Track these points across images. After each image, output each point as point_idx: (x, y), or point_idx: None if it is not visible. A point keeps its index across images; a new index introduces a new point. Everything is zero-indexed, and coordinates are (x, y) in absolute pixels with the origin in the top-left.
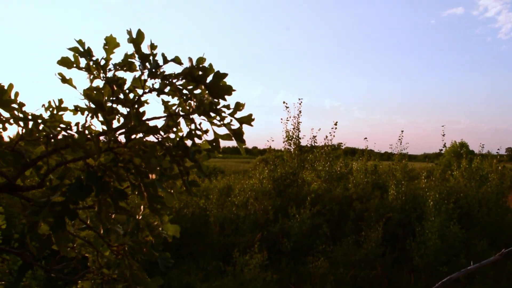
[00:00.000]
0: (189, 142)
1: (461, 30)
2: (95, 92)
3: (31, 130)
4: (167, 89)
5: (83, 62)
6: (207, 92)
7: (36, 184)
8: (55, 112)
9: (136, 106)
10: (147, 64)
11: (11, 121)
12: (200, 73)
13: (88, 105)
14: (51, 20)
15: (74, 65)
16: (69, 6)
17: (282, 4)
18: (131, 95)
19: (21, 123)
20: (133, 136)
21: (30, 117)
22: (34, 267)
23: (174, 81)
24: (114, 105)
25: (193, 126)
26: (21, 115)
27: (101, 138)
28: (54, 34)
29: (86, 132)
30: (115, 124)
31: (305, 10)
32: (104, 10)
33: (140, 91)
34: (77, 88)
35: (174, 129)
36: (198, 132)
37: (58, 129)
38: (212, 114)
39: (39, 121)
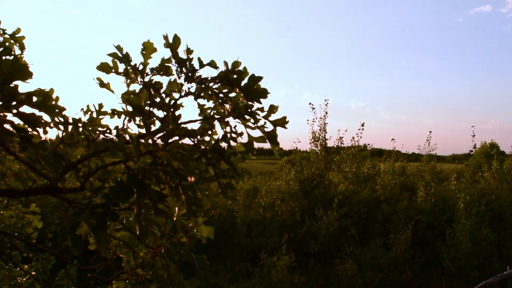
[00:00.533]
0: (222, 145)
1: (489, 28)
2: (132, 96)
3: (72, 134)
4: (203, 93)
5: (121, 67)
6: (242, 95)
7: (78, 187)
8: (94, 116)
9: (172, 109)
10: (184, 68)
11: (51, 124)
12: (235, 76)
13: (124, 108)
14: (85, 25)
15: (113, 70)
16: (98, 10)
17: (305, 4)
18: (167, 99)
19: (61, 127)
20: (171, 140)
21: (70, 121)
22: (67, 266)
23: (210, 84)
24: (151, 109)
25: (228, 129)
26: (61, 119)
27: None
28: (87, 38)
29: (124, 135)
30: (152, 127)
31: (329, 9)
32: (133, 14)
33: (176, 95)
34: (114, 92)
35: (209, 132)
36: (233, 135)
37: (97, 132)
38: (247, 117)
39: (79, 124)
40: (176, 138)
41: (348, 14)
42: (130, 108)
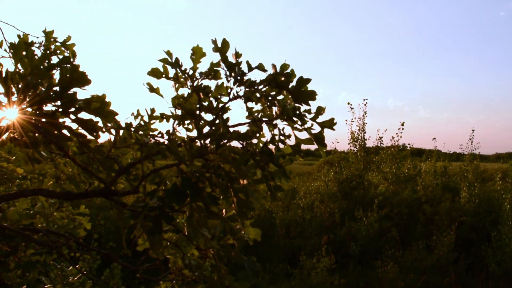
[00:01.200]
0: (269, 147)
1: None
2: (181, 99)
3: (124, 138)
4: (252, 96)
5: (170, 72)
6: (290, 97)
7: (132, 189)
8: (146, 120)
9: (220, 113)
10: (233, 72)
11: (103, 129)
12: (283, 79)
13: (173, 112)
14: (121, 28)
15: (163, 75)
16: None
17: (341, 3)
18: (214, 102)
19: (113, 131)
20: (221, 143)
21: (123, 125)
22: (111, 266)
23: (259, 87)
24: (199, 113)
25: (275, 131)
26: (113, 124)
27: None
28: (122, 43)
29: (175, 139)
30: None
31: (364, 8)
32: (168, 16)
33: (224, 99)
34: (163, 96)
35: (257, 135)
36: (281, 137)
37: (149, 136)
38: (295, 119)
39: (132, 129)
40: (225, 140)
41: (383, 12)
42: (179, 112)
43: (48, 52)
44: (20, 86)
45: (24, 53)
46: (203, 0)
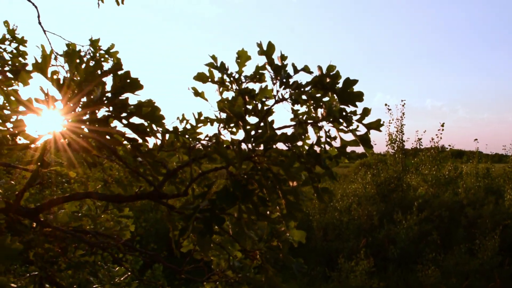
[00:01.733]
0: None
1: None
2: (226, 103)
3: (172, 142)
4: (299, 98)
5: (217, 76)
6: (335, 99)
7: (181, 192)
8: (193, 123)
9: (265, 115)
10: (279, 74)
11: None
12: (329, 80)
13: (217, 116)
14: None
15: (209, 79)
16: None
17: (375, 3)
18: (259, 105)
19: (159, 135)
20: (269, 145)
21: (171, 129)
22: (153, 267)
23: (306, 89)
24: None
25: (321, 133)
26: (160, 128)
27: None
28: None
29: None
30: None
31: (403, 8)
32: (201, 23)
33: (270, 101)
34: (208, 100)
35: (302, 137)
36: (327, 139)
37: (196, 139)
38: (341, 121)
39: (179, 133)
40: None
41: (418, 10)
42: (223, 115)
43: (94, 59)
44: (75, 92)
45: (78, 60)
46: (236, 6)
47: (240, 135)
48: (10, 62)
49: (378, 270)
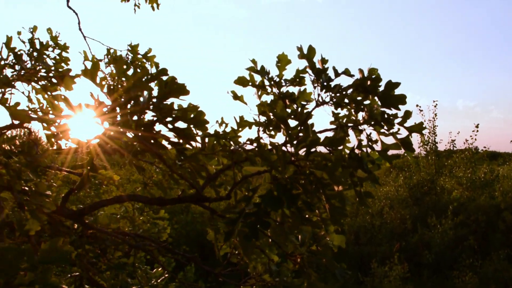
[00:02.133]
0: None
1: None
2: (266, 106)
3: (212, 145)
4: (341, 101)
5: (257, 79)
6: (377, 102)
7: (225, 196)
8: (233, 127)
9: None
10: (320, 78)
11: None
12: (370, 83)
13: (256, 119)
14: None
15: (250, 83)
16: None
17: (406, 2)
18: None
19: (198, 139)
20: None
21: (212, 133)
22: (185, 269)
23: (348, 92)
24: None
25: (361, 137)
26: (205, 132)
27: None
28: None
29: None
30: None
31: (433, 6)
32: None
33: (309, 105)
34: (247, 104)
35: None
36: (369, 143)
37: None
38: (382, 124)
39: (220, 136)
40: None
41: (448, 9)
42: (262, 119)
43: (133, 64)
44: (123, 98)
45: (124, 66)
46: (263, 8)
47: (279, 138)
48: (53, 68)
49: (412, 276)
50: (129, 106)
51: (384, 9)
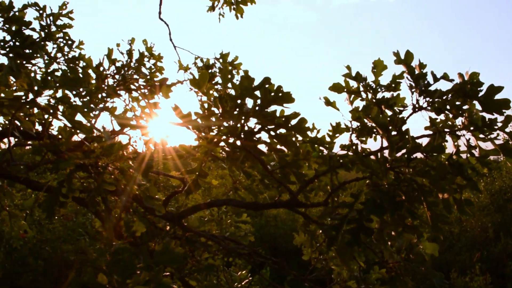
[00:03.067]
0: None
1: None
2: (360, 112)
3: (308, 151)
4: (441, 107)
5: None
6: (475, 107)
7: (322, 202)
8: (331, 133)
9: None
10: (418, 83)
11: None
12: (469, 87)
13: (347, 125)
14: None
15: (345, 89)
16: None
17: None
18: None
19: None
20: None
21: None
22: (261, 272)
23: (444, 98)
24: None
25: (459, 142)
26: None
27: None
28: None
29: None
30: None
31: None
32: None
33: (406, 111)
34: (339, 110)
35: None
36: (465, 148)
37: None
38: (483, 129)
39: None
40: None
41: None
42: (355, 125)
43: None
44: (229, 106)
45: (229, 76)
46: (332, 11)
47: (369, 144)
48: (149, 77)
49: None
50: (235, 113)
51: (462, 3)
